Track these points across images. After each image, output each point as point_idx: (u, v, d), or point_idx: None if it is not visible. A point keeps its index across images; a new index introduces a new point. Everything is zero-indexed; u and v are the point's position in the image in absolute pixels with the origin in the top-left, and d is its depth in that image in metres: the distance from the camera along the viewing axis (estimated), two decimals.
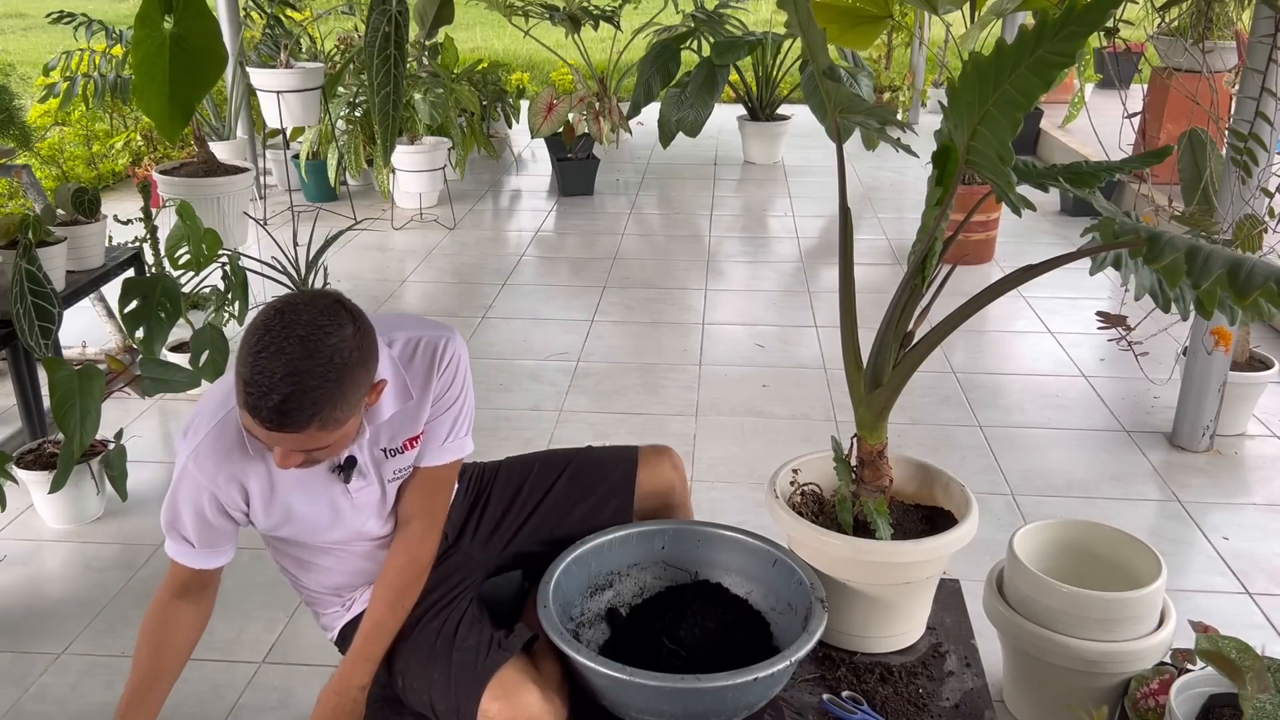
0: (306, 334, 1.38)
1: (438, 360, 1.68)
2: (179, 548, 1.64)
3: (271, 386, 1.36)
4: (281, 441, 1.43)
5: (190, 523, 1.61)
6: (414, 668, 1.68)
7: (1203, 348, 3.19)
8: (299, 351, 1.37)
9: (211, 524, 1.62)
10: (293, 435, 1.41)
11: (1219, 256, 1.23)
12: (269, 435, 1.42)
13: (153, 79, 1.91)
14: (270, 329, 1.39)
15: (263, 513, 1.64)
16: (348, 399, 1.43)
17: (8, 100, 3.56)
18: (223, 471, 1.58)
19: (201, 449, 1.57)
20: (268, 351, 1.37)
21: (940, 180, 1.69)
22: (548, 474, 1.95)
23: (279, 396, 1.36)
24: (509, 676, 1.59)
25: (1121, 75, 5.67)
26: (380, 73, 2.23)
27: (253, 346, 1.39)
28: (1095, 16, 1.28)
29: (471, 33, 12.64)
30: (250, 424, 1.42)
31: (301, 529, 1.68)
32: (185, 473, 1.58)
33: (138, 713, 1.61)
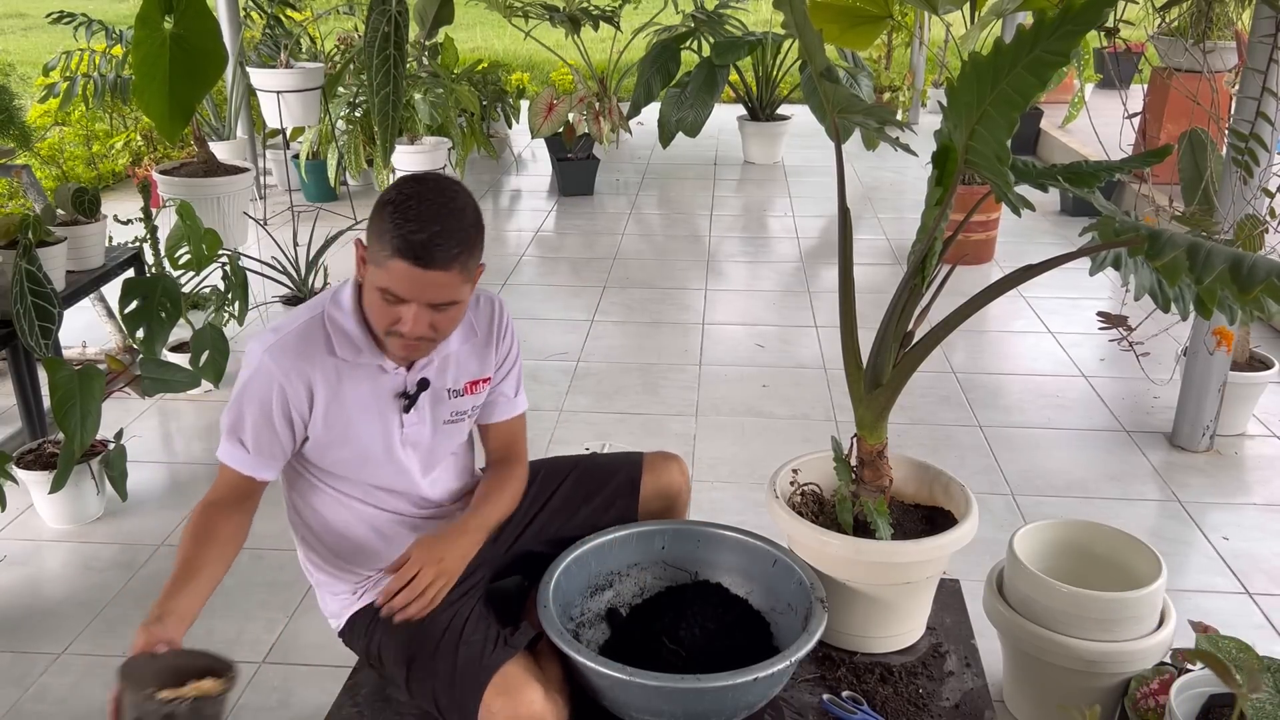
0: (443, 188, 1.56)
1: (497, 313, 1.81)
2: (235, 451, 1.65)
3: (423, 224, 1.50)
4: (425, 286, 1.52)
5: (252, 423, 1.63)
6: (420, 660, 1.69)
7: (1204, 348, 3.19)
8: (440, 199, 1.54)
9: (274, 427, 1.64)
10: (438, 275, 1.52)
11: (1220, 253, 1.23)
12: (417, 279, 1.52)
13: (153, 79, 1.91)
14: (408, 189, 1.54)
15: (322, 423, 1.67)
16: (476, 251, 1.58)
17: (8, 100, 3.57)
18: (296, 368, 1.63)
19: (280, 344, 1.64)
20: (413, 200, 1.52)
21: (940, 180, 1.69)
22: (554, 477, 1.97)
23: (429, 233, 1.50)
24: (513, 674, 1.59)
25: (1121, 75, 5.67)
26: (380, 73, 2.23)
27: (397, 202, 1.52)
28: (1091, 16, 1.28)
29: (471, 33, 12.64)
30: (400, 272, 1.51)
31: (352, 453, 1.71)
32: (259, 367, 1.63)
33: (176, 600, 1.51)
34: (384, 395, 1.70)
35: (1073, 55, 1.30)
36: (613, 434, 3.42)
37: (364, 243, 1.60)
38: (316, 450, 1.70)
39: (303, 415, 1.66)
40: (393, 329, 1.58)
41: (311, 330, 1.66)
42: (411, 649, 1.70)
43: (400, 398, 1.71)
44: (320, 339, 1.65)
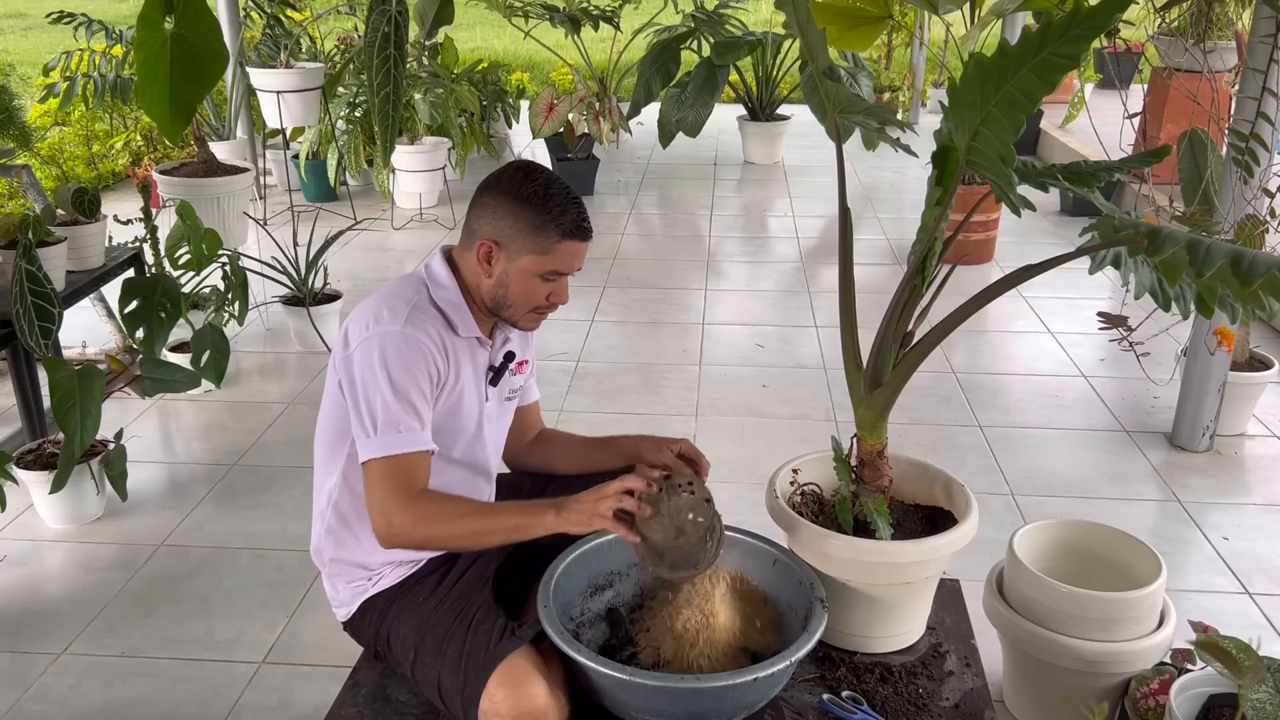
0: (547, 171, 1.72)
1: None
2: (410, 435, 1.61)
3: (571, 205, 1.67)
4: (583, 255, 1.72)
5: (418, 394, 1.63)
6: (429, 643, 1.70)
7: (1204, 347, 3.19)
8: (560, 181, 1.71)
9: (430, 396, 1.66)
10: (588, 244, 1.72)
11: (1220, 248, 1.23)
12: (581, 252, 1.71)
13: (154, 79, 1.91)
14: (537, 180, 1.67)
15: (442, 396, 1.70)
16: None
17: (8, 100, 3.56)
18: (437, 337, 1.68)
19: (414, 317, 1.66)
20: (551, 188, 1.67)
21: (940, 180, 1.69)
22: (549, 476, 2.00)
23: (581, 209, 1.69)
24: (518, 665, 1.60)
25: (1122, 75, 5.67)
26: (380, 73, 2.23)
27: (538, 185, 1.66)
28: (1101, 20, 1.28)
29: (471, 33, 12.64)
30: (571, 250, 1.68)
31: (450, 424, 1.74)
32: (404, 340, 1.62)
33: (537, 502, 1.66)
34: (480, 369, 1.79)
35: (1081, 59, 1.30)
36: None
37: (495, 241, 1.67)
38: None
39: (445, 381, 1.70)
40: (546, 303, 1.72)
41: (427, 309, 1.70)
42: (422, 632, 1.71)
43: (489, 371, 1.80)
44: (436, 317, 1.70)
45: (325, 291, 4.12)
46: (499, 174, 1.71)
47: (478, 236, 1.70)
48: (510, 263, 1.68)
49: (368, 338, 1.64)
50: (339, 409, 1.71)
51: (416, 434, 1.63)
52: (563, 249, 1.67)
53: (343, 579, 1.82)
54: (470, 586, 1.77)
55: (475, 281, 1.73)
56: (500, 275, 1.70)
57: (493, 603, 1.76)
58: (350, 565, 1.81)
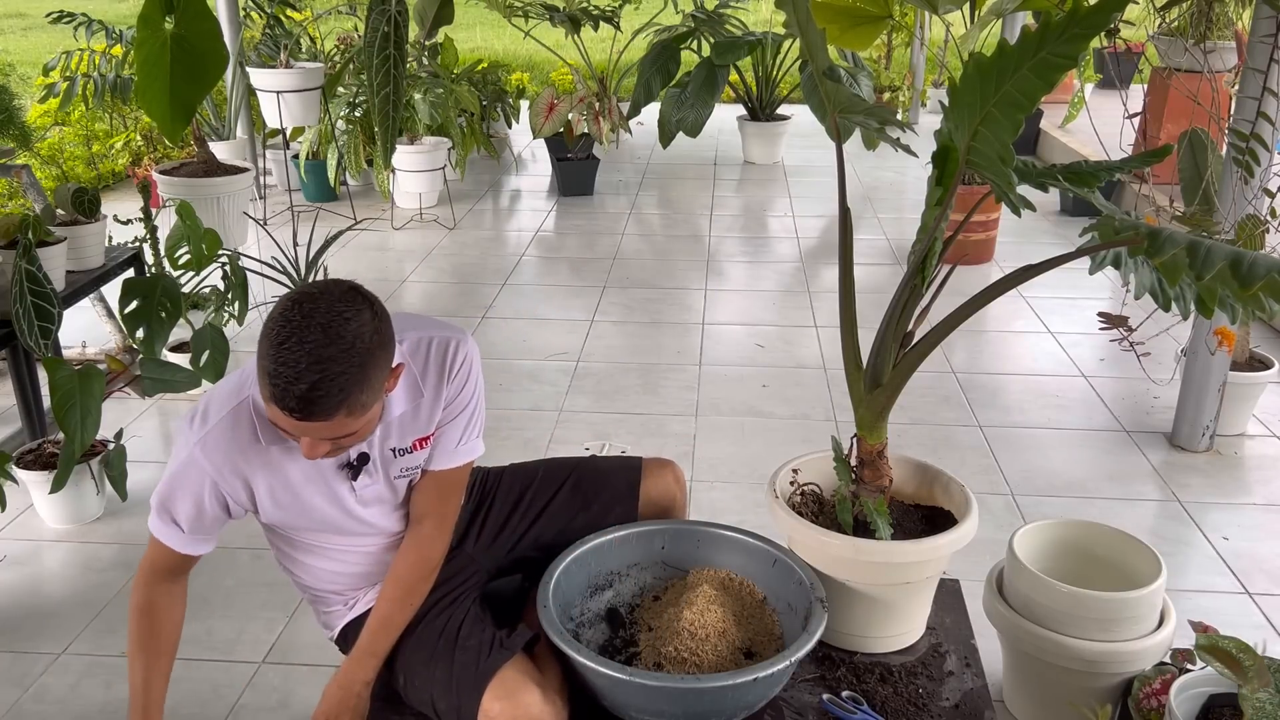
0: (327, 321, 1.39)
1: (449, 361, 1.68)
2: (168, 530, 1.62)
3: (297, 376, 1.37)
4: (309, 431, 1.43)
5: (184, 510, 1.61)
6: (416, 666, 1.68)
7: (1204, 347, 3.19)
8: (321, 339, 1.38)
9: (206, 513, 1.62)
10: (320, 424, 1.41)
11: (1220, 250, 1.23)
12: (296, 426, 1.42)
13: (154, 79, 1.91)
14: (290, 320, 1.40)
15: (271, 504, 1.64)
16: (371, 384, 1.44)
17: (8, 100, 3.56)
18: (229, 464, 1.58)
19: (210, 438, 1.57)
20: (290, 342, 1.38)
21: (940, 180, 1.69)
22: (551, 481, 1.95)
23: (305, 385, 1.37)
24: (511, 677, 1.59)
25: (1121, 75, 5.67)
26: (380, 73, 2.23)
27: (274, 339, 1.39)
28: (1099, 19, 1.27)
29: (471, 33, 12.64)
30: (277, 416, 1.42)
31: (310, 524, 1.69)
32: (190, 460, 1.58)
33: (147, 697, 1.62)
34: (327, 469, 1.64)
35: (1080, 58, 1.30)
36: (613, 434, 3.42)
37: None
38: (271, 521, 1.69)
39: (241, 504, 1.63)
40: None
41: (238, 419, 1.57)
42: (408, 656, 1.69)
43: (344, 469, 1.66)
44: (247, 428, 1.57)
45: None
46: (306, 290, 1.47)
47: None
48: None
49: (183, 435, 1.60)
50: None
51: (178, 536, 1.62)
52: (272, 409, 1.42)
53: (321, 604, 1.83)
54: (451, 601, 1.75)
55: None
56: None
57: (478, 614, 1.74)
58: (323, 592, 1.81)
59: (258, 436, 1.58)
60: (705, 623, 1.69)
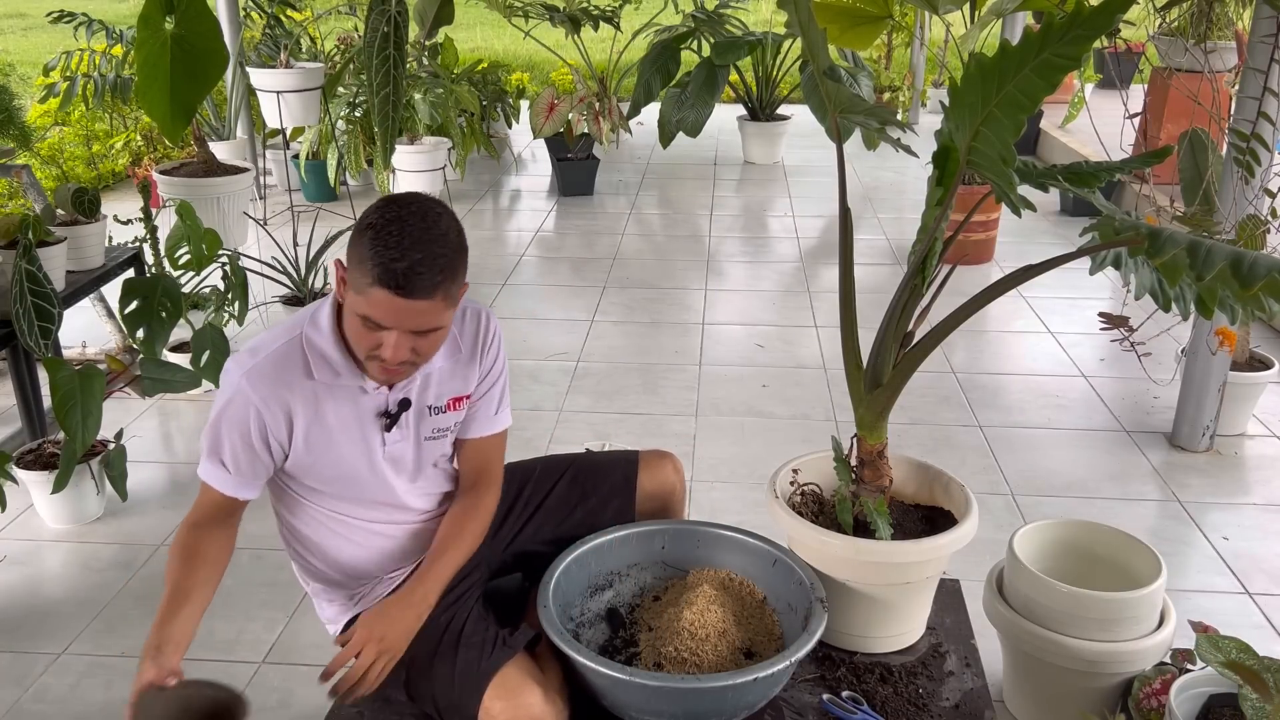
0: (423, 213, 1.50)
1: (483, 329, 1.77)
2: (217, 472, 1.64)
3: (403, 253, 1.45)
4: (406, 314, 1.49)
5: (231, 446, 1.62)
6: (419, 661, 1.68)
7: (1205, 348, 3.19)
8: (421, 225, 1.49)
9: (254, 450, 1.63)
10: (420, 303, 1.48)
11: (1220, 250, 1.23)
12: (398, 308, 1.48)
13: (155, 79, 1.91)
14: (389, 212, 1.49)
15: (304, 445, 1.65)
16: (459, 277, 1.54)
17: (8, 100, 3.56)
18: (274, 394, 1.61)
19: (258, 369, 1.60)
20: (392, 227, 1.47)
21: (940, 180, 1.69)
22: (549, 475, 1.97)
23: (409, 262, 1.45)
24: (512, 676, 1.59)
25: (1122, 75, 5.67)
26: (379, 73, 2.24)
27: (376, 228, 1.47)
28: (1102, 21, 1.27)
29: (471, 33, 12.64)
30: (379, 300, 1.47)
31: (334, 472, 1.70)
32: (236, 391, 1.60)
33: (172, 626, 1.53)
34: (365, 415, 1.68)
35: (1083, 59, 1.30)
36: (613, 434, 3.42)
37: (344, 264, 1.56)
38: (298, 469, 1.69)
39: (281, 441, 1.64)
40: (373, 354, 1.55)
41: (290, 353, 1.62)
42: (411, 652, 1.69)
43: (382, 416, 1.69)
44: (298, 362, 1.62)
45: (325, 291, 4.11)
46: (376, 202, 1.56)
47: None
48: (349, 293, 1.54)
49: (229, 372, 1.63)
50: None
51: (224, 477, 1.64)
52: (373, 294, 1.47)
53: (324, 599, 1.83)
54: (456, 598, 1.76)
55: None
56: (346, 305, 1.56)
57: (481, 612, 1.75)
58: (327, 588, 1.81)
59: (308, 371, 1.62)
60: (705, 623, 1.69)
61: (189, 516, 1.66)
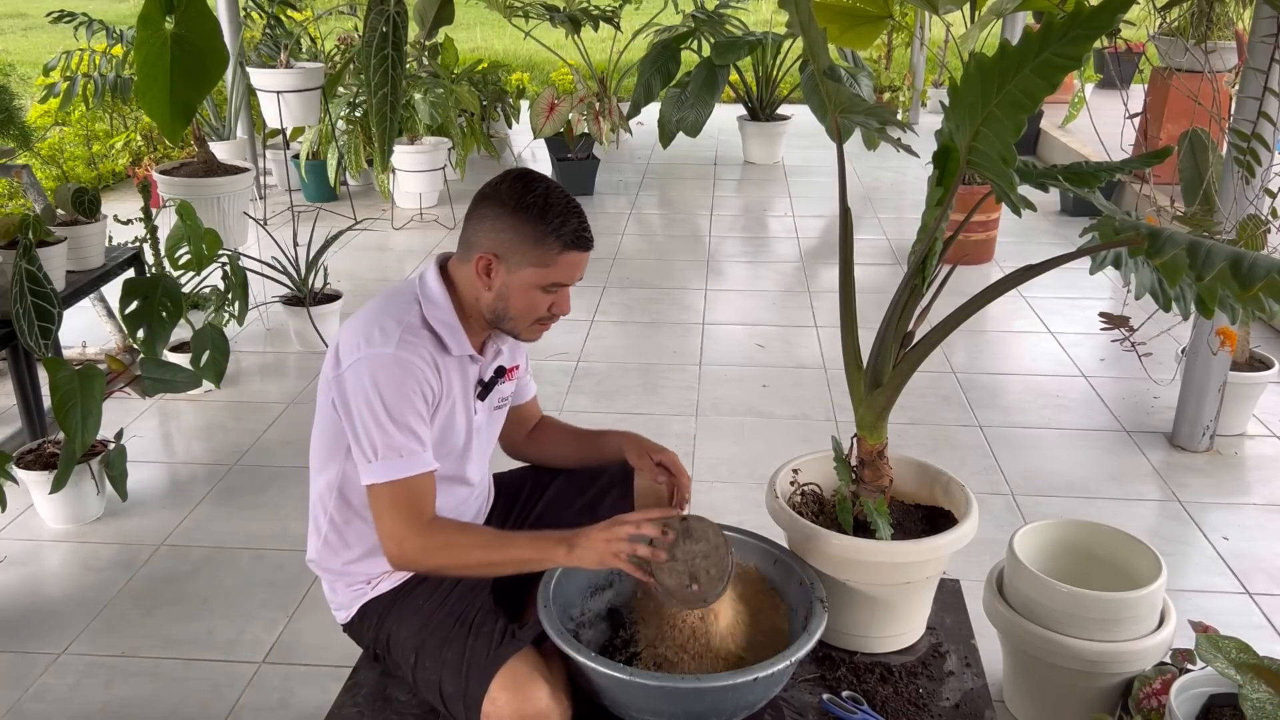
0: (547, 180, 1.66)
1: None
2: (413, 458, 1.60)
3: (575, 216, 1.63)
4: (584, 266, 1.67)
5: (414, 416, 1.61)
6: (430, 646, 1.69)
7: (1205, 348, 3.19)
8: (559, 191, 1.65)
9: (425, 417, 1.64)
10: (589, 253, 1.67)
11: (1220, 250, 1.23)
12: (583, 262, 1.66)
13: (155, 79, 1.91)
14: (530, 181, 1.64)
15: (436, 419, 1.68)
16: None
17: (8, 100, 3.56)
18: (430, 359, 1.65)
19: (405, 341, 1.63)
20: (550, 193, 1.63)
21: (941, 180, 1.69)
22: (550, 472, 2.01)
23: (582, 219, 1.64)
24: (520, 669, 1.60)
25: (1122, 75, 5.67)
26: (378, 73, 2.23)
27: (538, 196, 1.62)
28: (1103, 20, 1.27)
29: (471, 33, 12.65)
30: (573, 261, 1.64)
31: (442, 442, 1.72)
32: (398, 364, 1.60)
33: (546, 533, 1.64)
34: (469, 385, 1.76)
35: (1083, 59, 1.30)
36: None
37: (494, 254, 1.63)
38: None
39: (431, 405, 1.66)
40: (549, 314, 1.69)
41: (418, 328, 1.66)
42: (423, 636, 1.71)
43: (476, 385, 1.77)
44: (428, 336, 1.67)
45: (325, 291, 4.12)
46: (496, 183, 1.66)
47: (476, 249, 1.65)
48: (510, 275, 1.64)
49: (358, 360, 1.61)
50: (331, 424, 1.70)
51: (418, 456, 1.61)
52: (564, 260, 1.63)
53: (342, 583, 1.82)
54: (470, 589, 1.77)
55: (473, 295, 1.69)
56: (500, 288, 1.66)
57: (492, 604, 1.76)
58: (349, 570, 1.81)
59: (440, 345, 1.68)
60: (707, 623, 1.69)
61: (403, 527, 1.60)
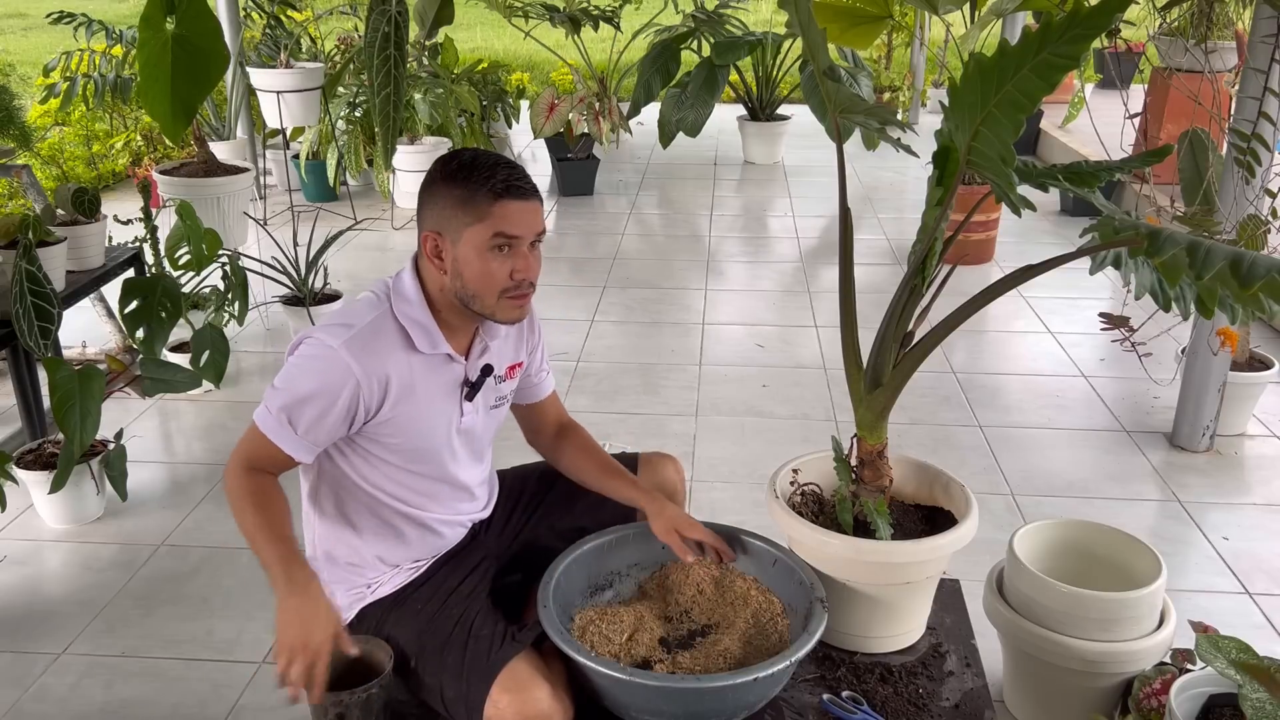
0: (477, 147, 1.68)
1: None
2: (282, 430, 1.62)
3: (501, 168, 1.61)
4: (532, 215, 1.64)
5: (310, 411, 1.61)
6: (429, 650, 1.70)
7: (1205, 348, 3.19)
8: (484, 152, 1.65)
9: (331, 420, 1.63)
10: (534, 203, 1.65)
11: (1220, 250, 1.24)
12: (526, 210, 1.63)
13: (156, 80, 1.91)
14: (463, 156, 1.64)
15: (390, 415, 1.67)
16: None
17: (8, 100, 3.56)
18: (376, 366, 1.63)
19: (359, 340, 1.62)
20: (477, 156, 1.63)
21: (940, 180, 1.69)
22: (552, 473, 2.01)
23: (512, 169, 1.62)
24: (521, 670, 1.59)
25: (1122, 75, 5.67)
26: (380, 73, 2.23)
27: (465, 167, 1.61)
28: (1101, 20, 1.27)
29: (471, 33, 12.65)
30: (508, 210, 1.60)
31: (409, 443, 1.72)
32: (334, 362, 1.60)
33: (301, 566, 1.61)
34: (450, 385, 1.74)
35: (1081, 59, 1.30)
36: (613, 434, 3.41)
37: (436, 231, 1.64)
38: (378, 440, 1.70)
39: (369, 410, 1.65)
40: (512, 279, 1.64)
41: (383, 326, 1.66)
42: (422, 640, 1.71)
43: (463, 386, 1.75)
44: (394, 335, 1.66)
45: (325, 291, 4.11)
46: (430, 167, 1.67)
47: (421, 233, 1.67)
48: (455, 247, 1.63)
49: (310, 338, 1.63)
50: None
51: (290, 438, 1.62)
52: (498, 210, 1.60)
53: (341, 586, 1.82)
54: (469, 591, 1.77)
55: (437, 284, 1.68)
56: (452, 265, 1.64)
57: (491, 606, 1.76)
58: (347, 572, 1.81)
59: (407, 343, 1.67)
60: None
61: (240, 458, 1.64)
